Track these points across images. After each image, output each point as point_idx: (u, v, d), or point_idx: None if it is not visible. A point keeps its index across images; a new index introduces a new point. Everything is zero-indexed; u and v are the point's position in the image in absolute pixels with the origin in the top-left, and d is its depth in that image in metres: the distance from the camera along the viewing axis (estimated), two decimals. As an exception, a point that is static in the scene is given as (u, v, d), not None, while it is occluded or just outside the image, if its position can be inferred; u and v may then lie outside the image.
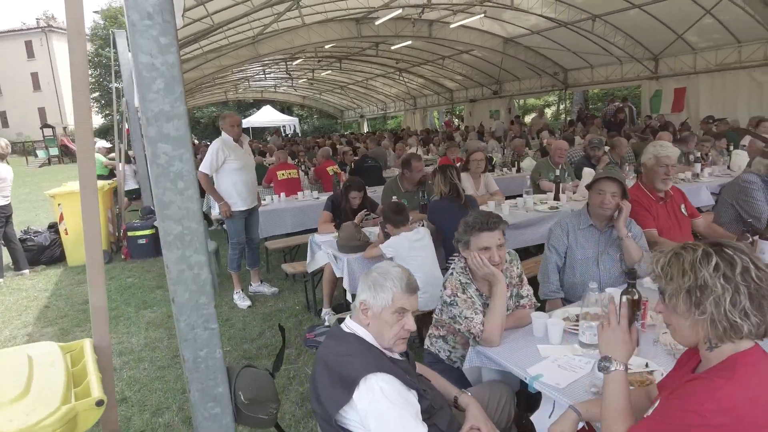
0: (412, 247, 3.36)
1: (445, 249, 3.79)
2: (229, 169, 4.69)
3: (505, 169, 8.15)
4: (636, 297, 2.16)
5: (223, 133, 4.72)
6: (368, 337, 1.75)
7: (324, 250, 4.01)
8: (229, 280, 5.21)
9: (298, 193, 6.57)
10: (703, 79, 13.00)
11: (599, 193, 2.95)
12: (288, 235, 6.04)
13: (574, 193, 5.26)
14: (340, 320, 1.91)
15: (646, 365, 1.92)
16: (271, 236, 5.99)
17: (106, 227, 7.48)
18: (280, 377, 3.37)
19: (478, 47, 15.82)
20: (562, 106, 23.09)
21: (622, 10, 11.96)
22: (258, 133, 34.62)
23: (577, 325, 2.20)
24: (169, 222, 1.53)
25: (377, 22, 12.90)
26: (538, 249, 4.83)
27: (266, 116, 31.61)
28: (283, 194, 6.49)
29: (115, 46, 7.69)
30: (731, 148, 8.16)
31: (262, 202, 6.12)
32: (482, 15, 12.53)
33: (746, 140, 8.70)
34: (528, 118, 19.84)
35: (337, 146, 14.28)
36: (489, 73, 19.54)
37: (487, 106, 21.07)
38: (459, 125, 21.97)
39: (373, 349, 1.73)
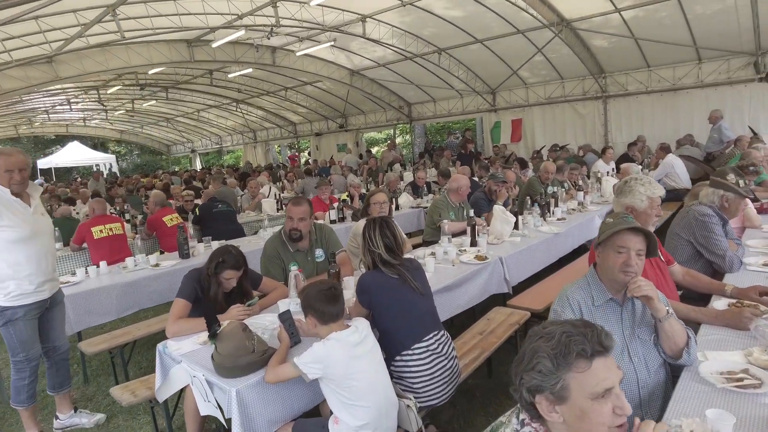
0: (353, 356, 2.08)
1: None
2: (4, 240, 2.84)
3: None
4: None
5: (-8, 182, 2.88)
6: None
7: (186, 369, 2.44)
8: (16, 421, 3.24)
9: (127, 259, 4.69)
10: (535, 111, 14.04)
11: (619, 251, 2.06)
12: (120, 323, 4.18)
13: (488, 234, 4.46)
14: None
15: None
16: (89, 328, 4.07)
17: None
18: None
19: (325, 78, 15.06)
20: (399, 140, 23.62)
21: (466, 44, 12.29)
22: (62, 175, 29.16)
23: None
24: None
25: (214, 45, 11.25)
26: (482, 311, 3.86)
27: (73, 154, 26.71)
28: (103, 263, 4.54)
29: None
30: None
31: (71, 278, 4.18)
32: (331, 43, 11.76)
33: (596, 167, 9.22)
34: (375, 151, 19.70)
35: (171, 187, 12.05)
36: (334, 106, 18.98)
37: (335, 140, 20.46)
38: (308, 159, 20.91)
39: None
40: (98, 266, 4.56)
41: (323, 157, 19.51)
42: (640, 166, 9.16)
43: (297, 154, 24.82)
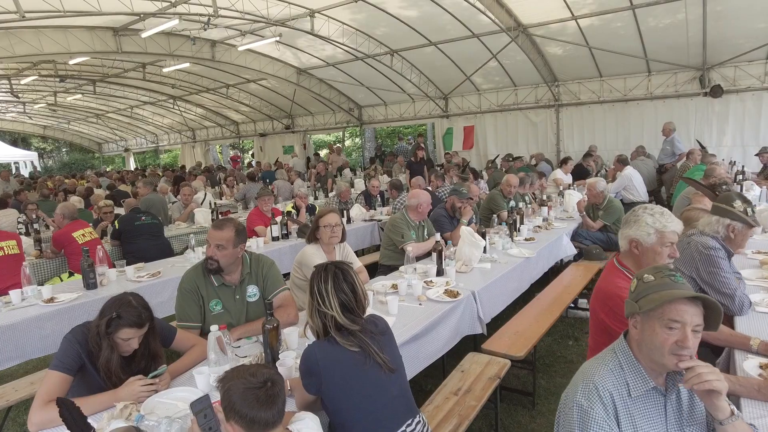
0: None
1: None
2: None
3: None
4: None
5: None
6: None
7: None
8: None
9: (11, 292, 3.72)
10: (488, 118, 13.78)
11: (670, 326, 1.49)
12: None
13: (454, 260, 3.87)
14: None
15: None
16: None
17: None
18: None
19: (270, 76, 14.13)
20: (348, 143, 22.89)
21: (420, 47, 11.82)
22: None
23: None
24: None
25: (144, 35, 10.12)
26: (450, 356, 3.25)
27: (-13, 150, 24.12)
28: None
29: None
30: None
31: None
32: (276, 38, 10.90)
33: (554, 176, 8.93)
34: (323, 154, 18.86)
35: (93, 195, 10.77)
36: (279, 106, 18.03)
37: (280, 141, 19.49)
38: (251, 161, 19.77)
39: None
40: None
41: (267, 160, 18.49)
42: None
43: (239, 155, 23.56)
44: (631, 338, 1.60)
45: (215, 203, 8.36)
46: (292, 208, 6.61)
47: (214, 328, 2.15)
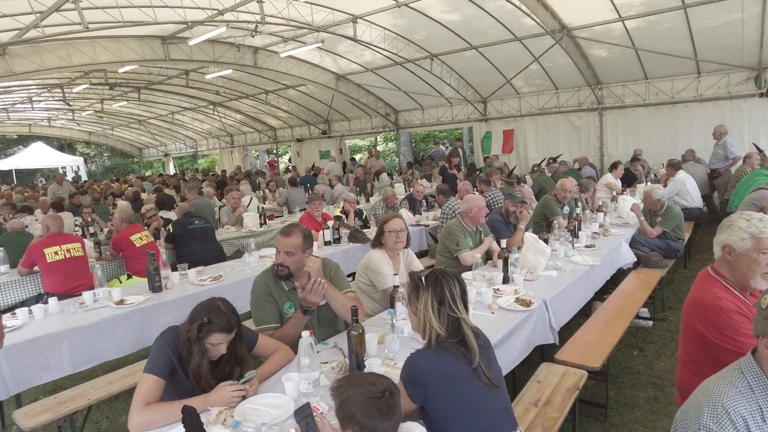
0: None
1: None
2: None
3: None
4: None
5: None
6: None
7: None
8: None
9: (84, 293, 3.85)
10: (528, 121, 13.58)
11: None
12: (67, 380, 3.35)
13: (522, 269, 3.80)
14: None
15: None
16: (34, 388, 3.24)
17: None
18: None
19: (309, 82, 14.30)
20: (382, 147, 22.89)
21: (460, 51, 11.75)
22: (26, 177, 27.51)
23: None
24: None
25: (191, 43, 10.38)
26: (520, 367, 3.19)
27: (37, 156, 25.21)
28: (53, 300, 3.69)
29: None
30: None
31: (9, 321, 3.34)
32: (318, 44, 11.01)
33: (604, 180, 8.71)
34: (357, 158, 19.01)
35: (142, 196, 11.10)
36: (317, 112, 18.22)
37: (317, 146, 19.68)
38: (288, 166, 20.04)
39: None
40: (45, 301, 3.72)
41: (305, 164, 18.70)
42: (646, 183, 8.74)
43: (276, 159, 23.90)
44: (761, 358, 1.51)
45: (262, 207, 8.46)
46: (341, 212, 6.64)
47: (305, 334, 2.15)
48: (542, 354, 3.59)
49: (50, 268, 4.85)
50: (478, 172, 11.85)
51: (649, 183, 8.68)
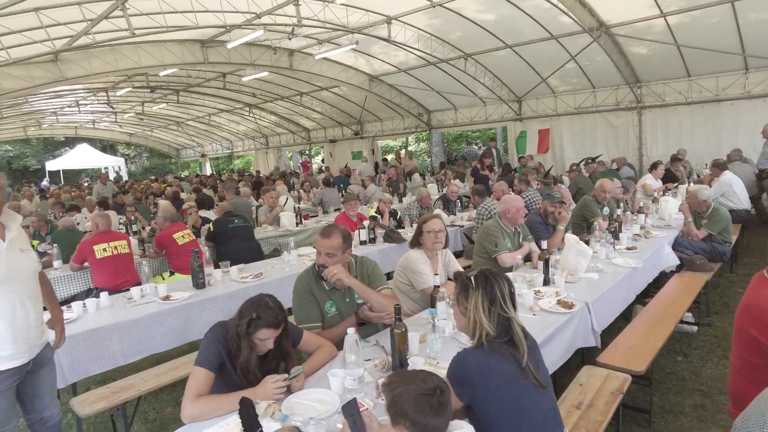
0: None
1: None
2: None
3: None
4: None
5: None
6: None
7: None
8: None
9: (132, 288, 4.01)
10: (564, 121, 13.34)
11: None
12: (117, 371, 3.49)
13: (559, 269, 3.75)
14: None
15: None
16: (86, 378, 3.40)
17: None
18: None
19: (343, 83, 14.44)
20: (414, 147, 22.85)
21: (495, 50, 11.65)
22: (72, 177, 28.75)
23: None
24: None
25: (229, 46, 10.64)
26: (562, 370, 3.15)
27: (82, 157, 26.35)
28: (104, 294, 3.86)
29: None
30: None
31: (65, 314, 3.50)
32: (353, 46, 11.11)
33: (642, 181, 8.49)
34: (390, 158, 19.01)
35: (181, 195, 11.42)
36: (350, 113, 18.37)
37: (349, 147, 19.84)
38: (321, 167, 20.28)
39: None
40: (95, 295, 3.89)
41: (337, 165, 18.88)
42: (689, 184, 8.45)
43: (309, 160, 24.21)
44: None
45: (298, 207, 8.60)
46: (376, 212, 6.69)
47: (350, 330, 2.19)
48: (582, 357, 3.54)
49: (99, 264, 5.06)
50: (513, 172, 11.71)
51: (692, 184, 8.40)
